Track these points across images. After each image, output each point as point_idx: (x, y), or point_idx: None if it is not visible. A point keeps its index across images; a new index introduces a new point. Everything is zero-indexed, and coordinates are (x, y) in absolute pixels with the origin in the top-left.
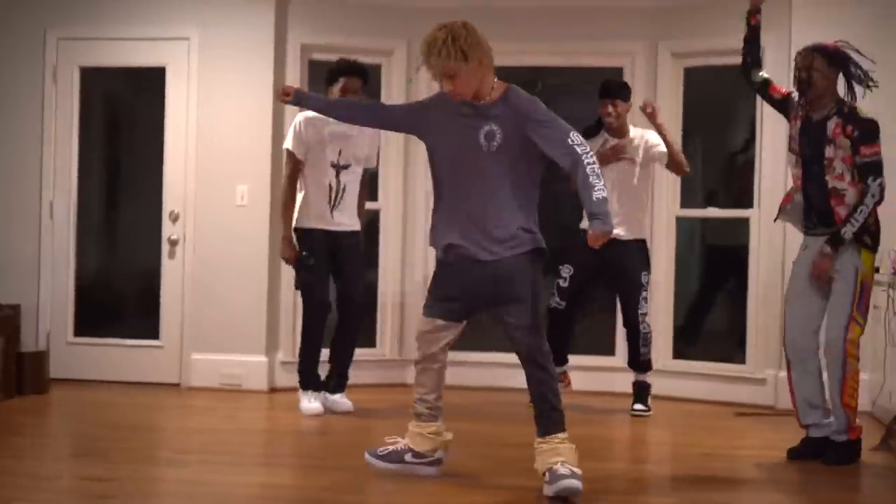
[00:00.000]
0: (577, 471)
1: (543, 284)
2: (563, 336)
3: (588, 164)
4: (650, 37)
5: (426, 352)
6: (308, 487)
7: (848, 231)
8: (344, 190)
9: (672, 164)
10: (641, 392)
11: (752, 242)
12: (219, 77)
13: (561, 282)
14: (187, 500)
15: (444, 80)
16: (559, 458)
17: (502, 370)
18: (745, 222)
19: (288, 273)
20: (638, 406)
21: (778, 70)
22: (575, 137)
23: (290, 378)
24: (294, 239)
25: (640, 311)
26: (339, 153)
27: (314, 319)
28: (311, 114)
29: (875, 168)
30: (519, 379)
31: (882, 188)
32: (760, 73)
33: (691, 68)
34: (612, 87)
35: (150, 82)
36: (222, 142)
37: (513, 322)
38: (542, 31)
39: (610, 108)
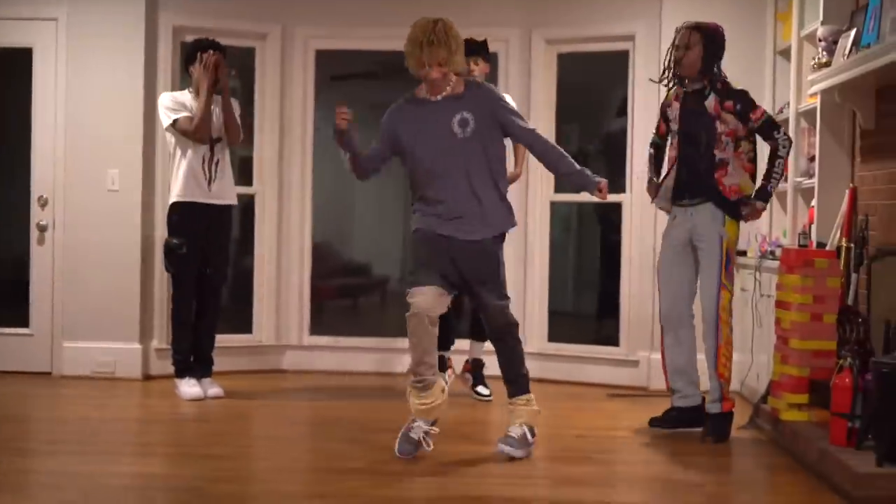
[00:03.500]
0: (530, 436)
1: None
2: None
3: (545, 139)
4: (524, 23)
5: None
6: (183, 476)
7: (774, 184)
8: (219, 162)
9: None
10: (481, 371)
11: (625, 226)
12: (88, 59)
13: None
14: (58, 492)
15: (433, 68)
16: (519, 419)
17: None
18: (617, 207)
19: (161, 258)
20: (482, 390)
21: (650, 52)
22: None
23: (165, 365)
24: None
25: None
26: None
27: (185, 304)
28: (176, 93)
29: (772, 123)
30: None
31: (788, 136)
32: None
33: (565, 54)
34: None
35: (17, 63)
36: (92, 125)
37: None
38: (413, 16)
39: (472, 66)
